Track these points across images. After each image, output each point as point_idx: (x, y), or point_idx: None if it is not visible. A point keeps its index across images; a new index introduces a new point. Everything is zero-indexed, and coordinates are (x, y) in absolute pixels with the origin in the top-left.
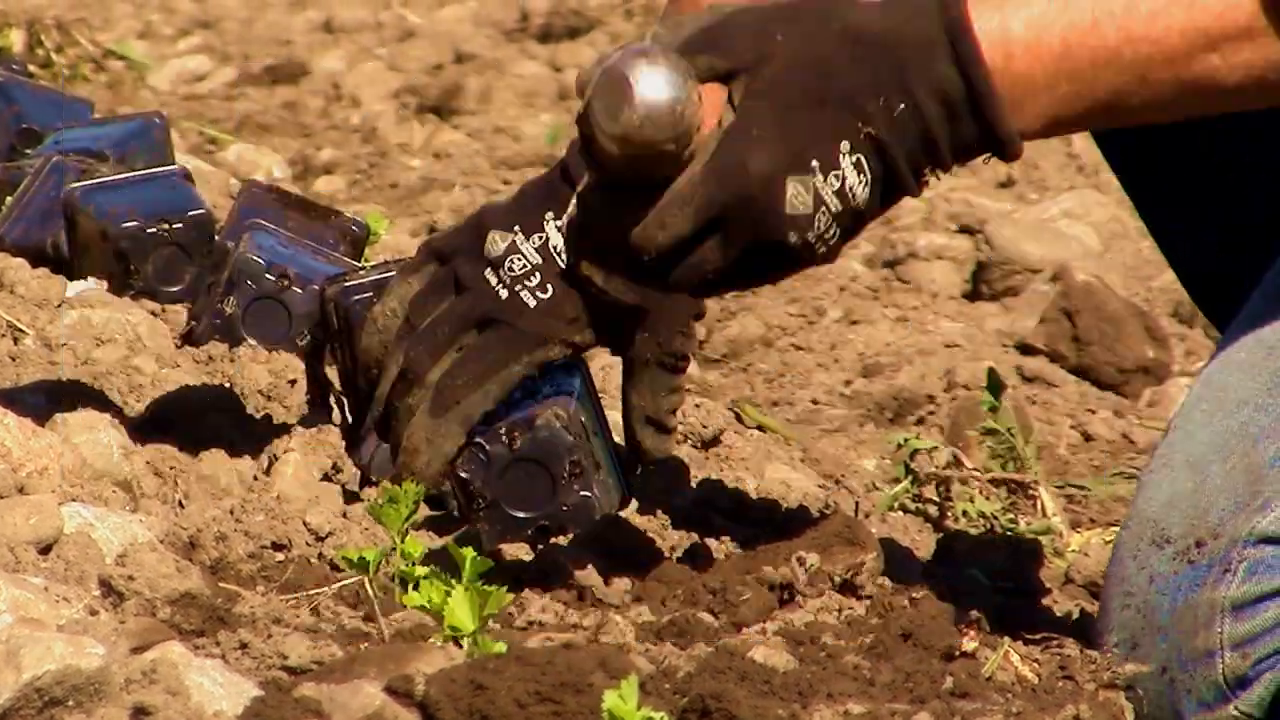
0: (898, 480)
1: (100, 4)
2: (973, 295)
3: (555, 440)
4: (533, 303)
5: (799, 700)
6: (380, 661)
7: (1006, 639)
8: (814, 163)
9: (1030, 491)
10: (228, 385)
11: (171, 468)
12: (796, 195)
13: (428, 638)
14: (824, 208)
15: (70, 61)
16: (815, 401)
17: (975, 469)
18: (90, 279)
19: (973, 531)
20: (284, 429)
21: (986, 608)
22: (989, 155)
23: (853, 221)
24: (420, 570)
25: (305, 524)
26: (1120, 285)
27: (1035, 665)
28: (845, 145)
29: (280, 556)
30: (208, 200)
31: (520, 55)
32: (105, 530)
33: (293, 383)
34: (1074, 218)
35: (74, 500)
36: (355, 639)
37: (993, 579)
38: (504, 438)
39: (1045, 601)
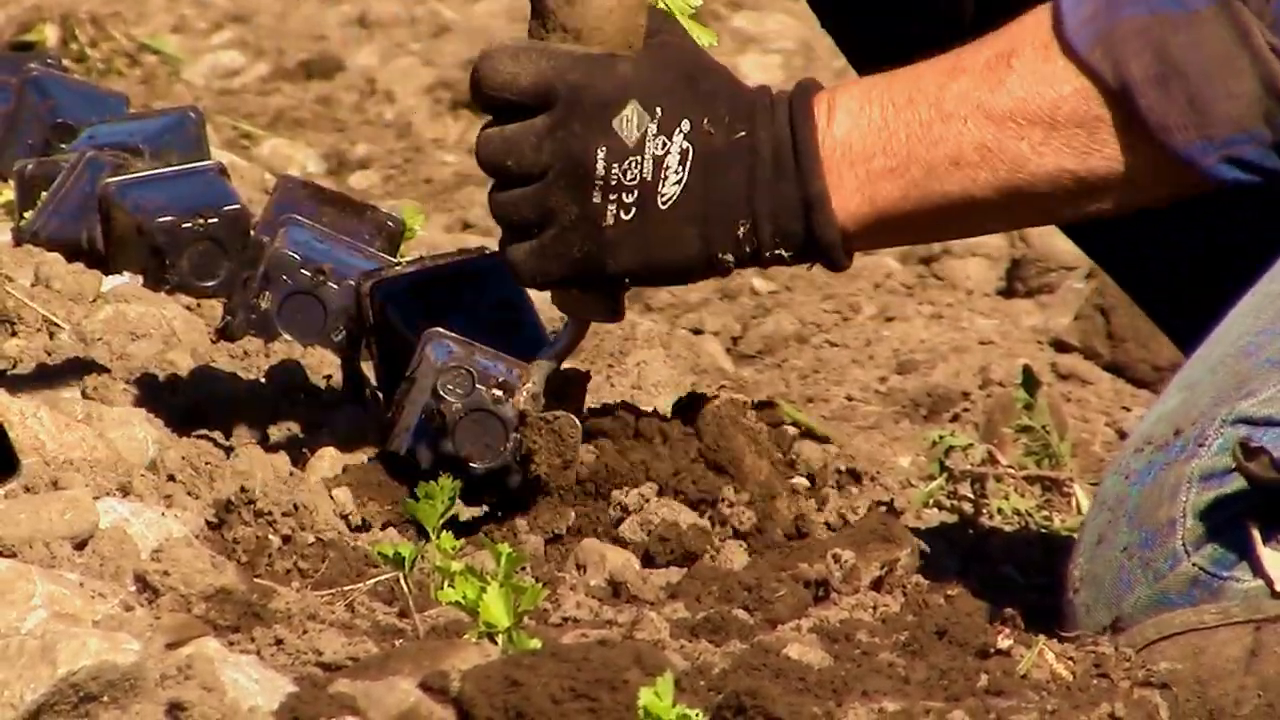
0: (932, 477)
1: None
2: (1008, 292)
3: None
4: None
5: (834, 697)
6: (415, 658)
7: (1041, 636)
8: (659, 110)
9: (1065, 489)
10: (263, 380)
11: (207, 463)
12: (629, 119)
13: (463, 634)
14: (639, 159)
15: (104, 56)
16: (850, 398)
17: (1010, 466)
18: (126, 274)
19: (1007, 529)
20: (319, 424)
21: (1021, 605)
22: (812, 259)
23: (642, 211)
24: (455, 566)
25: (342, 518)
26: None
27: (1070, 663)
28: (686, 125)
29: (315, 552)
30: (243, 195)
31: None
32: (140, 525)
33: (328, 378)
34: None
35: (109, 495)
36: (390, 635)
37: (1027, 576)
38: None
39: None
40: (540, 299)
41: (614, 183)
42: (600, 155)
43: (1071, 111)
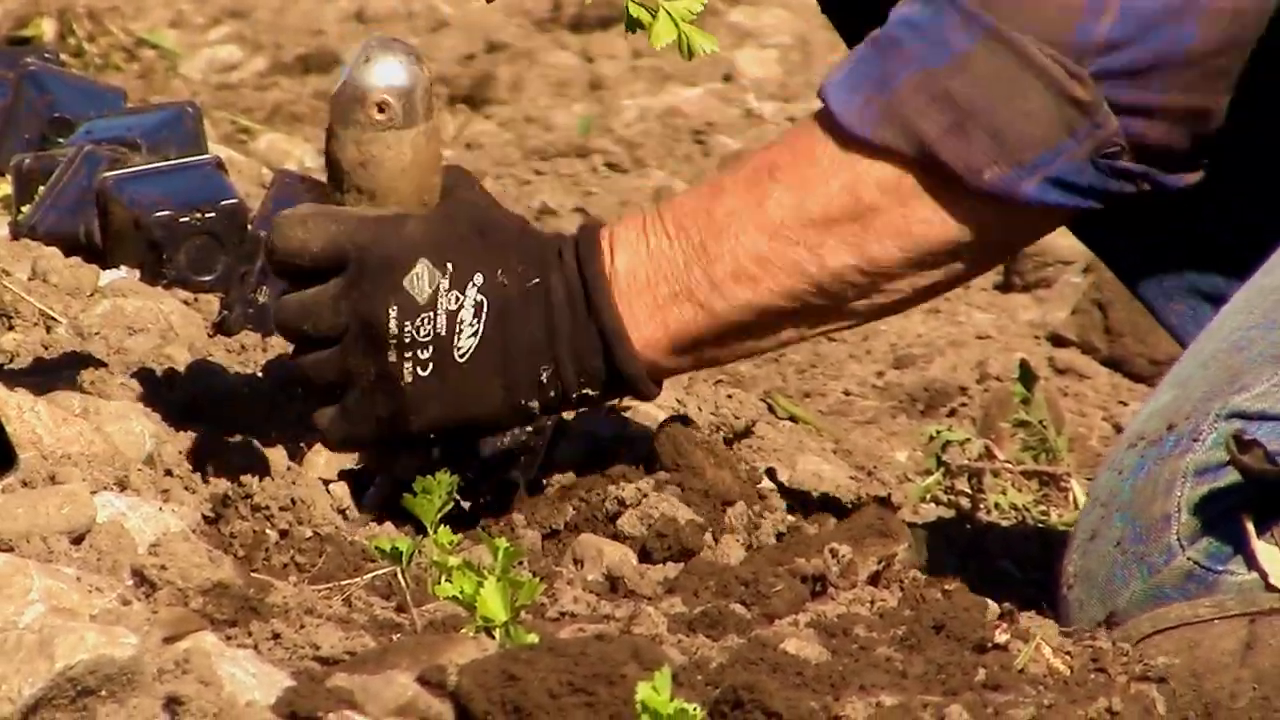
0: (930, 472)
1: None
2: (1005, 286)
3: None
4: None
5: (831, 692)
6: (413, 652)
7: (1038, 631)
8: (449, 265)
9: (1062, 483)
10: (260, 374)
11: (204, 457)
12: (420, 277)
13: (460, 628)
14: (431, 315)
15: (102, 50)
16: (847, 393)
17: (1007, 461)
18: (123, 268)
19: (1005, 523)
20: None
21: (1018, 600)
22: (620, 393)
23: (439, 366)
24: (453, 561)
25: (339, 512)
26: None
27: (1067, 657)
28: (479, 279)
29: (313, 546)
30: (240, 190)
31: (552, 45)
32: (138, 520)
33: None
34: None
35: (106, 489)
36: (387, 629)
37: (1025, 571)
38: None
39: None
40: None
41: (408, 340)
42: (392, 314)
43: (841, 207)
